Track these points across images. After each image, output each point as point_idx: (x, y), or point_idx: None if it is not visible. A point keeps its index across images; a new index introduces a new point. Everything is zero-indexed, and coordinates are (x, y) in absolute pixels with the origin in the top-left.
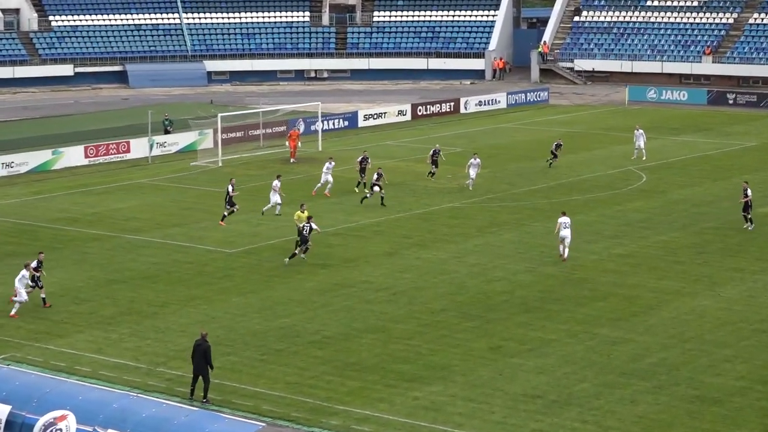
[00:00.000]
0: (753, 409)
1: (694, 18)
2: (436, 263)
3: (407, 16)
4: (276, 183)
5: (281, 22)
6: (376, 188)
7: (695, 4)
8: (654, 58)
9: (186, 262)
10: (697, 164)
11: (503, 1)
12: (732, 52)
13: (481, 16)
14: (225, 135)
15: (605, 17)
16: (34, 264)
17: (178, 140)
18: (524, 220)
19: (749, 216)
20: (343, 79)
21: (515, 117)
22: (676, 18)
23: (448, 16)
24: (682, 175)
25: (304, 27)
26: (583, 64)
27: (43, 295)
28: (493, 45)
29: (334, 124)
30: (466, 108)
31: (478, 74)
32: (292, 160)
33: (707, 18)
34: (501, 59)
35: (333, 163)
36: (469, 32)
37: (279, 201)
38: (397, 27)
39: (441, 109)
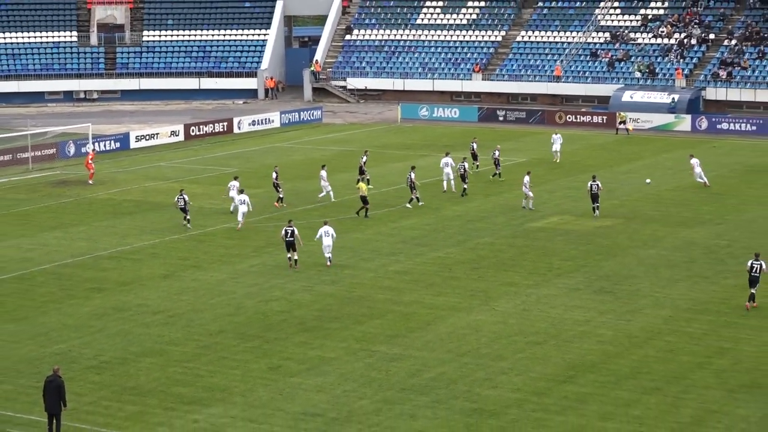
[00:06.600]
0: (529, 420)
1: (464, 36)
2: (213, 284)
3: (177, 35)
4: (323, 173)
5: (48, 42)
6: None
7: (464, 22)
8: (425, 76)
9: None
10: (469, 180)
11: (274, 21)
12: (501, 70)
13: (253, 35)
14: None
15: (376, 36)
16: None
17: None
18: (300, 239)
19: (596, 205)
20: (114, 100)
21: (289, 136)
22: (446, 36)
23: (219, 35)
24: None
25: (71, 47)
26: (355, 83)
27: None
28: (265, 64)
29: (105, 145)
30: (239, 128)
31: (251, 94)
32: (90, 181)
33: (476, 36)
34: (272, 78)
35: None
36: (241, 51)
37: (330, 189)
38: (167, 47)
39: (214, 129)
